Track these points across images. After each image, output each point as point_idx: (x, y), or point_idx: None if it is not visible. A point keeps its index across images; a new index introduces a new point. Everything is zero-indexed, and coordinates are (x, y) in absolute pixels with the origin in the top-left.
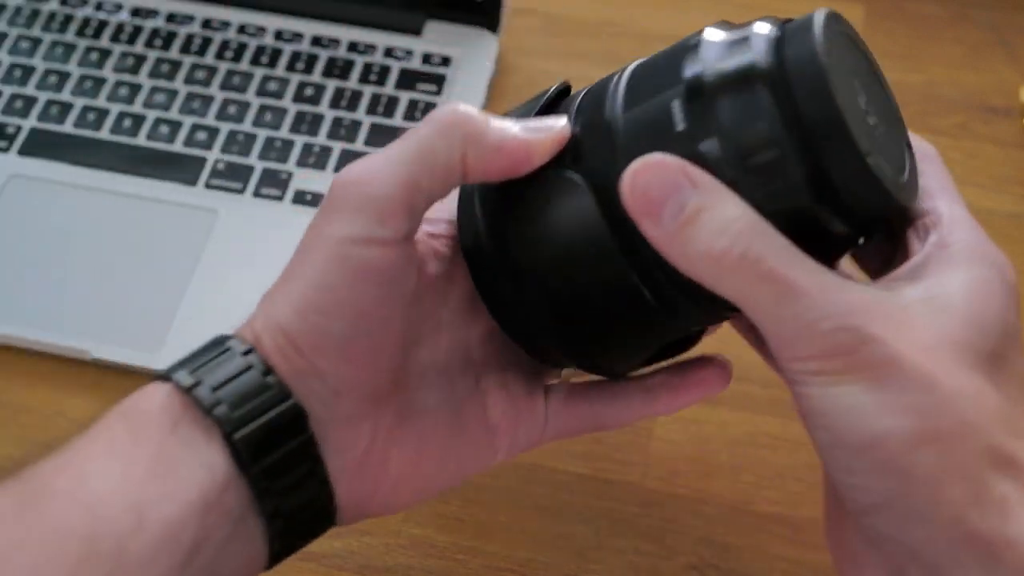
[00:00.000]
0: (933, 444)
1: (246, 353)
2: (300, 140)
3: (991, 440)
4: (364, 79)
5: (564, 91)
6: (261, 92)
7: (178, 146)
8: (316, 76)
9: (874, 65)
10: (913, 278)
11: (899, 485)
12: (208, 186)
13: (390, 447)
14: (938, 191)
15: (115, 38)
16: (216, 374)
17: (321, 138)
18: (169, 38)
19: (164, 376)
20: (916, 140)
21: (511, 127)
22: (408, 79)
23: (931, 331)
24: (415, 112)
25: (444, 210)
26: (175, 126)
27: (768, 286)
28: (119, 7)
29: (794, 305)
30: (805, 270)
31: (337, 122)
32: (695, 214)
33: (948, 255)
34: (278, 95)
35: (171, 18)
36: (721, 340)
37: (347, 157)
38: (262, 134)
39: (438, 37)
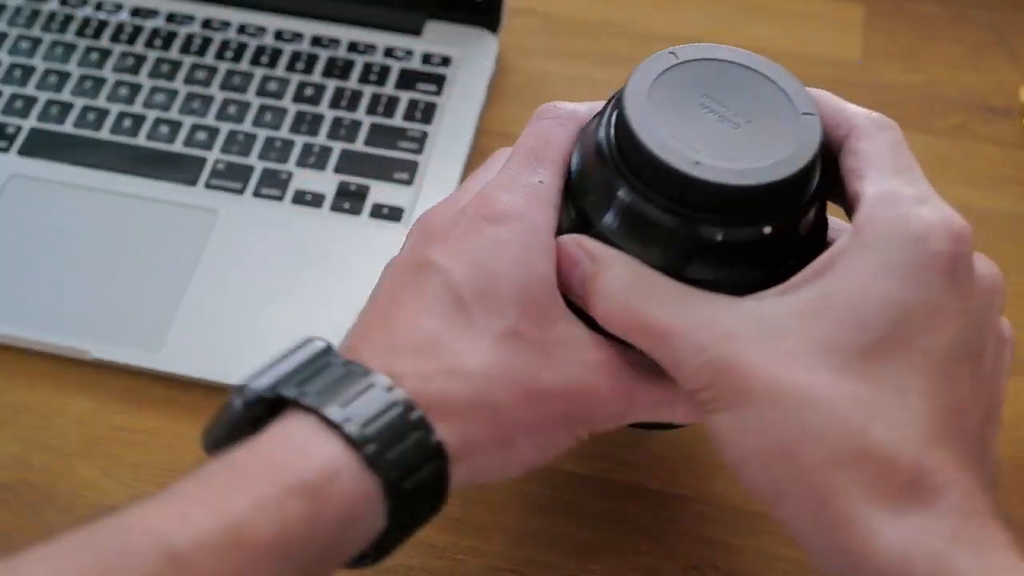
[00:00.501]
0: (778, 461)
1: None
2: (300, 140)
3: (842, 444)
4: (364, 79)
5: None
6: (261, 92)
7: (178, 146)
8: (316, 76)
9: (764, 72)
10: (809, 279)
11: (767, 501)
12: (208, 186)
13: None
14: (870, 168)
15: (115, 38)
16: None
17: (321, 138)
18: (169, 38)
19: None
20: (864, 112)
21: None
22: (408, 79)
23: (794, 341)
24: (415, 112)
25: None
26: (175, 126)
27: (646, 334)
28: (119, 7)
29: (668, 347)
30: (679, 310)
31: (337, 122)
32: (591, 280)
33: (858, 243)
34: (278, 95)
35: (171, 18)
36: None
37: (347, 157)
38: (262, 134)
39: (438, 37)
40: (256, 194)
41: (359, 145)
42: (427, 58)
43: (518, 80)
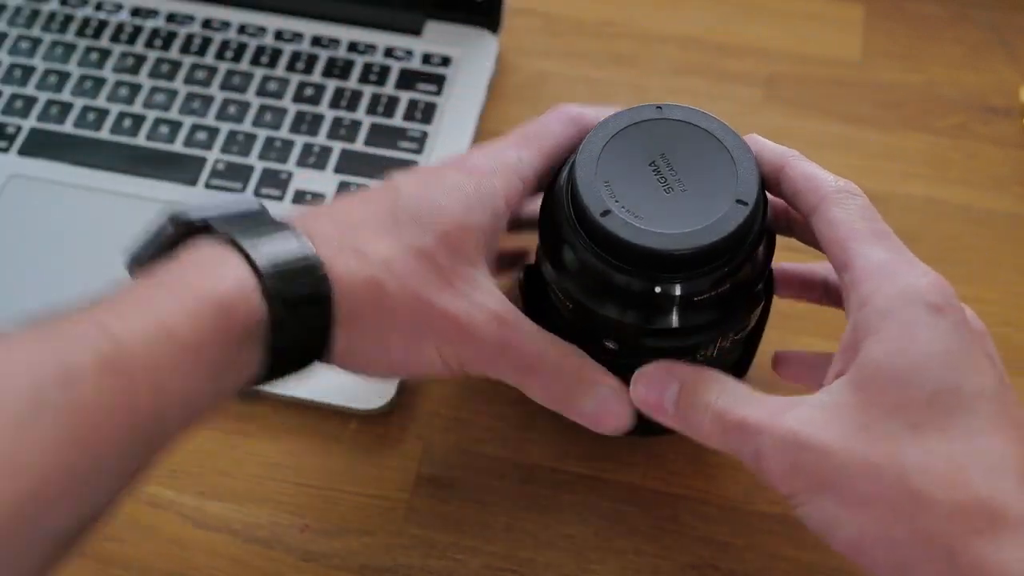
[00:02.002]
0: (894, 532)
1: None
2: (300, 140)
3: (951, 500)
4: (364, 79)
5: None
6: (261, 92)
7: (178, 146)
8: (316, 76)
9: (719, 134)
10: (847, 359)
11: (891, 574)
12: (208, 186)
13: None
14: (852, 239)
15: (115, 38)
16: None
17: (321, 138)
18: (169, 38)
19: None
20: (831, 179)
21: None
22: (408, 79)
23: (864, 416)
24: (415, 112)
25: None
26: (175, 126)
27: (743, 433)
28: (119, 7)
29: (755, 441)
30: (764, 409)
31: (337, 122)
32: (688, 397)
33: (867, 316)
34: (278, 95)
35: (171, 18)
36: None
37: (347, 157)
38: (262, 134)
39: (438, 37)
40: (256, 194)
41: (359, 145)
42: (427, 58)
43: (518, 80)
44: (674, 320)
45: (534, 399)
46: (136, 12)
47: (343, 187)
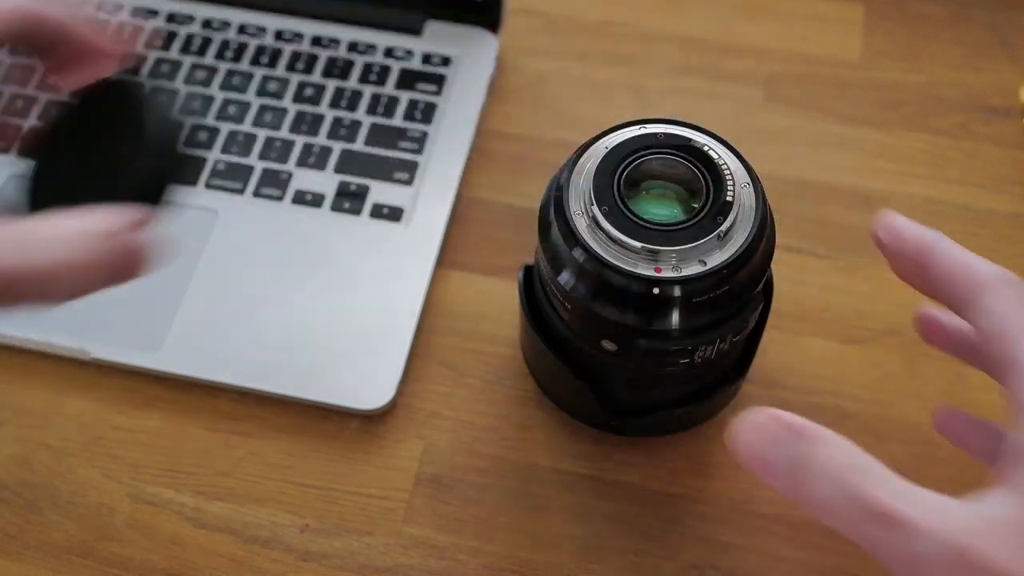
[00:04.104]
0: None
1: None
2: (300, 140)
3: None
4: (364, 79)
5: None
6: (261, 92)
7: (178, 146)
8: (316, 76)
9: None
10: (1012, 468)
11: None
12: (208, 186)
13: None
14: (1018, 331)
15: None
16: None
17: (321, 138)
18: (169, 38)
19: None
20: (990, 268)
21: None
22: (408, 79)
23: None
24: (415, 112)
25: None
26: None
27: (877, 521)
28: (119, 7)
29: (904, 537)
30: (908, 497)
31: (337, 122)
32: (804, 459)
33: None
34: (278, 95)
35: (171, 18)
36: None
37: (347, 157)
38: (262, 134)
39: (438, 37)
40: (256, 194)
41: (359, 145)
42: (427, 58)
43: (518, 80)
44: (673, 321)
45: None
46: (136, 12)
47: (343, 187)
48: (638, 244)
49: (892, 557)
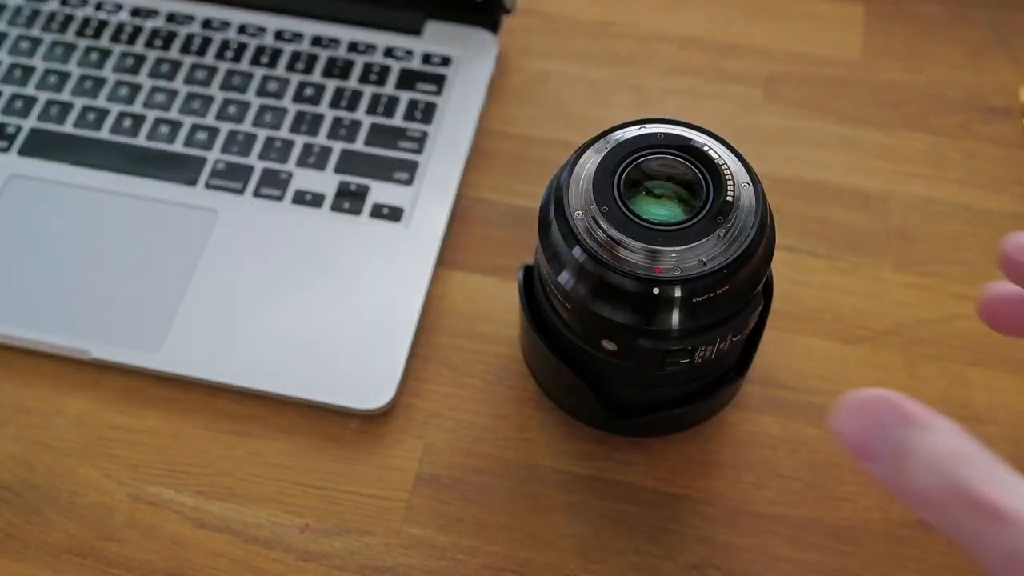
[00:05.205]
0: None
1: None
2: (300, 140)
3: None
4: (364, 79)
5: None
6: (261, 92)
7: (178, 146)
8: (316, 76)
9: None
10: None
11: None
12: (208, 186)
13: None
14: None
15: (115, 38)
16: None
17: (321, 138)
18: (169, 38)
19: None
20: None
21: None
22: (408, 79)
23: None
24: (415, 112)
25: None
26: (175, 126)
27: (978, 512)
28: (119, 7)
29: (1006, 532)
30: (1013, 491)
31: (337, 122)
32: (911, 443)
33: None
34: (278, 95)
35: (171, 18)
36: None
37: (347, 157)
38: (262, 134)
39: (438, 37)
40: (256, 194)
41: (359, 145)
42: (427, 58)
43: (518, 80)
44: (673, 321)
45: None
46: (136, 12)
47: (343, 187)
48: (638, 244)
49: (992, 553)
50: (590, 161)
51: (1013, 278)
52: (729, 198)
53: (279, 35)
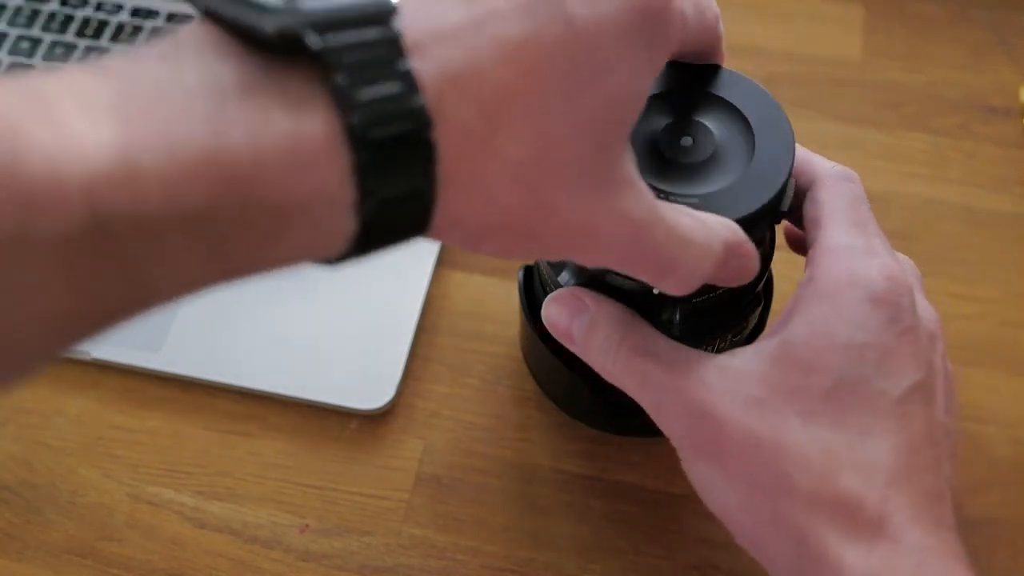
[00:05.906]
0: (757, 508)
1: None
2: None
3: (815, 490)
4: None
5: None
6: None
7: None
8: None
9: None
10: (775, 330)
11: (749, 545)
12: None
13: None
14: (828, 219)
15: (115, 38)
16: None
17: None
18: None
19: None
20: (829, 164)
21: None
22: None
23: (762, 389)
24: None
25: None
26: None
27: (636, 380)
28: (119, 7)
29: (652, 392)
30: (666, 360)
31: None
32: (589, 330)
33: (807, 293)
34: None
35: (171, 18)
36: None
37: None
38: None
39: None
40: None
41: None
42: None
43: None
44: (673, 321)
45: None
46: (136, 12)
47: None
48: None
49: (648, 407)
50: None
51: None
52: None
53: None
